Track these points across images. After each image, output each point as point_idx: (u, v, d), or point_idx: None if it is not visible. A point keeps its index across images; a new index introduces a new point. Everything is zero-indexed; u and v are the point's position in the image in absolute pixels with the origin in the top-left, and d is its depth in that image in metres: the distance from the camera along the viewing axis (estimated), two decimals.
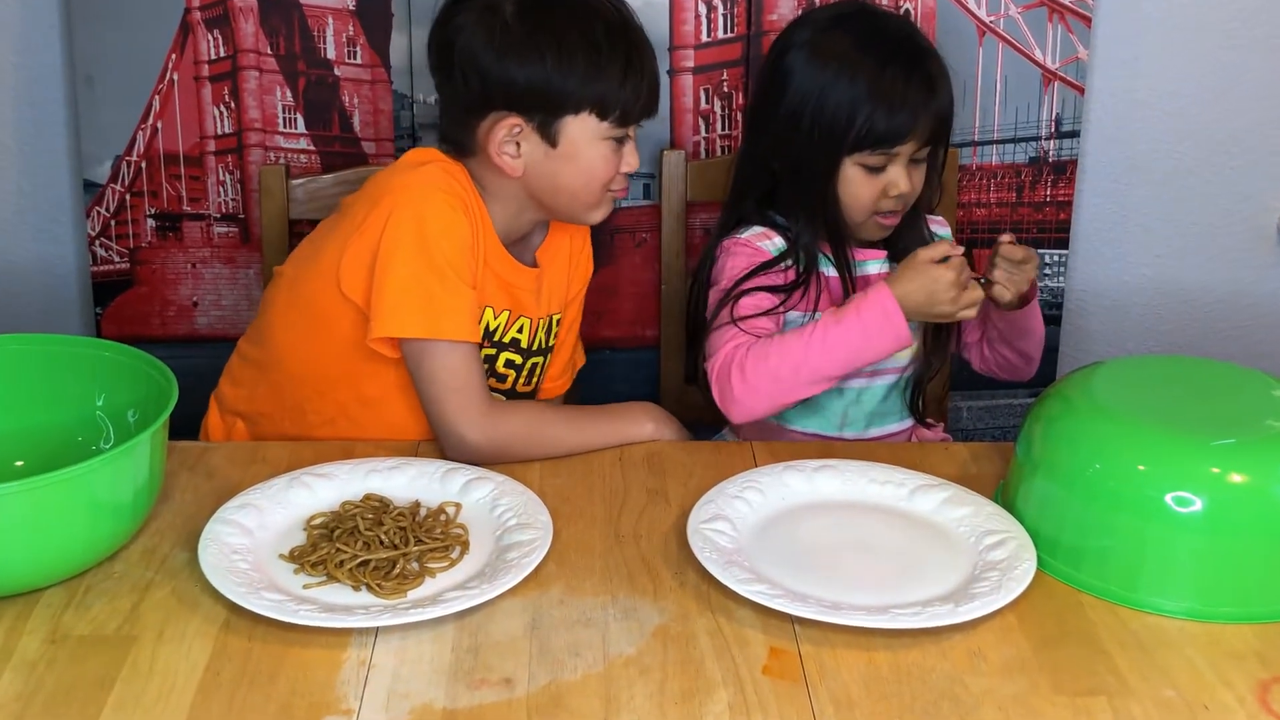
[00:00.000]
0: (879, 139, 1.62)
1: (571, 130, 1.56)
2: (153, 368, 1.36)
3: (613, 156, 1.58)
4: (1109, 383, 1.39)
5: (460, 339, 1.53)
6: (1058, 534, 1.33)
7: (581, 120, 1.56)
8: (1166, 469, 1.27)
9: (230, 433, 1.71)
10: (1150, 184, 2.18)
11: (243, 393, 1.71)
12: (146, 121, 2.04)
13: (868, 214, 1.68)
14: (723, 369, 1.61)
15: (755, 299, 1.67)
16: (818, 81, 1.63)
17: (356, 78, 2.04)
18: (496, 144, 1.56)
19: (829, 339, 1.58)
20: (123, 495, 1.26)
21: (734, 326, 1.64)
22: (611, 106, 1.56)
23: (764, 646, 1.20)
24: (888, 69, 1.61)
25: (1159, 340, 2.26)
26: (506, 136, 1.56)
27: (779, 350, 1.59)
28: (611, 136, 1.57)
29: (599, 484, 1.48)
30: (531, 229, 1.69)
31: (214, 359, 1.79)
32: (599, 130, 1.56)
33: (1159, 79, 2.13)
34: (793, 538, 1.37)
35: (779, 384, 1.59)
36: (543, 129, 1.56)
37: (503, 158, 1.57)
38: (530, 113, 1.55)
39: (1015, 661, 1.19)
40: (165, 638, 1.20)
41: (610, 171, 1.59)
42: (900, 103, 1.61)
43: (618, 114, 1.56)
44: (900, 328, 1.58)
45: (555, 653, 1.19)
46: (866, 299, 1.59)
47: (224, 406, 1.73)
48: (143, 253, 2.10)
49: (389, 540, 1.32)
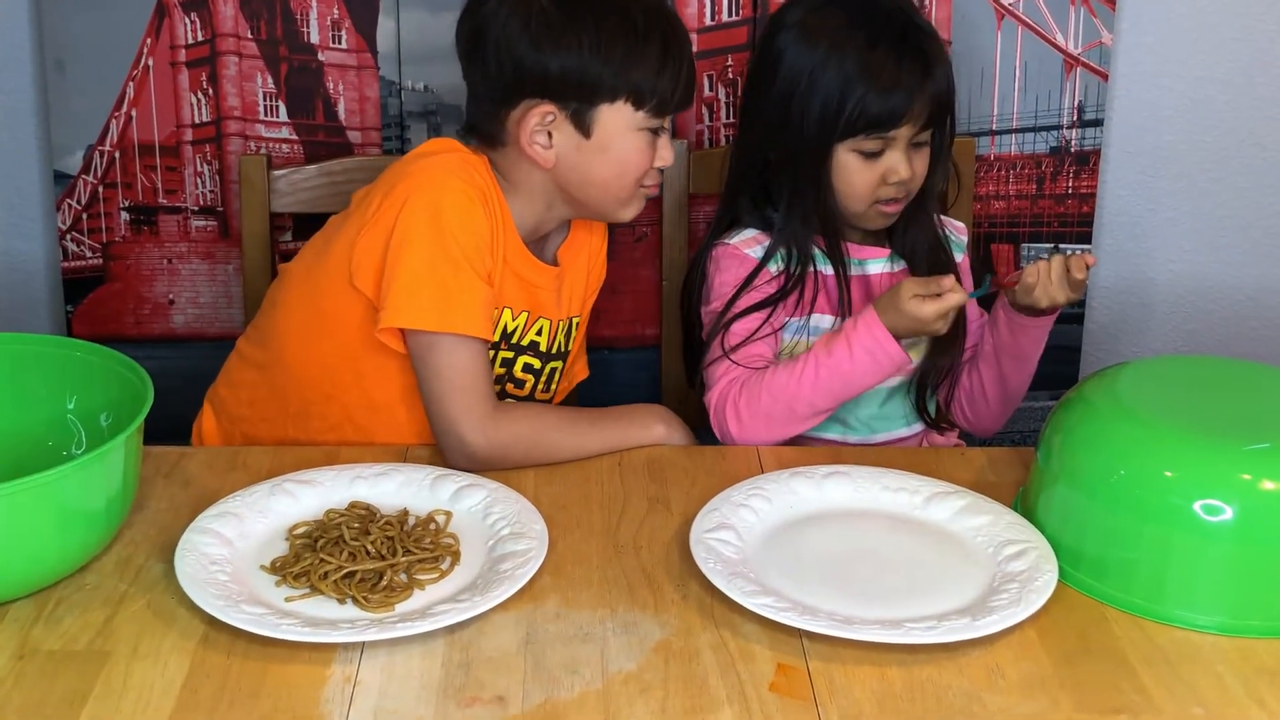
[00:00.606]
0: (872, 122, 1.62)
1: (606, 120, 1.57)
2: (127, 369, 1.36)
3: (647, 149, 1.60)
4: (1134, 384, 1.40)
5: (471, 334, 1.53)
6: (1080, 544, 1.33)
7: (617, 109, 1.57)
8: (1195, 475, 1.27)
9: (228, 438, 1.72)
10: (1177, 175, 2.19)
11: (242, 395, 1.71)
12: (120, 109, 2.04)
13: (867, 203, 1.68)
14: (718, 409, 1.64)
15: (746, 323, 1.68)
16: (808, 63, 1.63)
17: (342, 63, 2.05)
18: (528, 133, 1.57)
19: (820, 373, 1.60)
20: (95, 503, 1.26)
21: (726, 360, 1.66)
22: (648, 95, 1.57)
23: (771, 662, 1.20)
24: (878, 47, 1.62)
25: (1186, 340, 2.26)
26: (539, 125, 1.57)
27: (769, 388, 1.62)
28: (646, 127, 1.59)
29: (597, 491, 1.49)
30: (555, 226, 1.69)
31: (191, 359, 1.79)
32: (634, 120, 1.58)
33: (1187, 64, 2.13)
34: (801, 548, 1.37)
35: (773, 422, 1.62)
36: (577, 118, 1.57)
37: (534, 148, 1.58)
38: (564, 101, 1.56)
39: (1035, 678, 1.19)
40: (140, 653, 1.20)
41: (644, 165, 1.60)
42: (893, 83, 1.62)
43: (654, 103, 1.58)
44: (895, 354, 1.60)
45: (551, 669, 1.19)
46: (855, 329, 1.61)
47: (220, 410, 1.73)
48: (116, 247, 2.10)
49: (376, 551, 1.32)
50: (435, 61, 2.04)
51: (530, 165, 1.60)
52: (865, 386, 1.63)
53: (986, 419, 1.78)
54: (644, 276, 2.12)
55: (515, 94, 1.57)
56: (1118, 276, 2.23)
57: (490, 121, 1.61)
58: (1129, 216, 2.20)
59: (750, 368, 1.65)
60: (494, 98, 1.59)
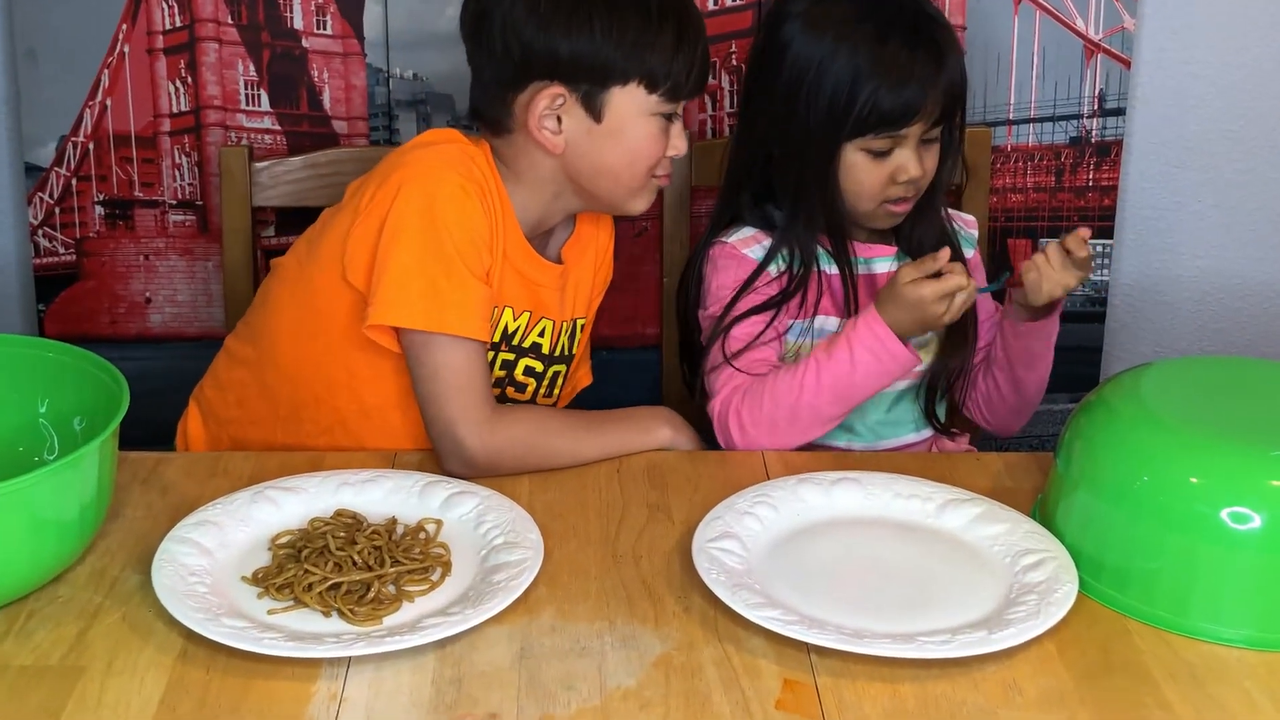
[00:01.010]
0: (884, 119, 1.62)
1: (618, 103, 1.57)
2: (101, 370, 1.36)
3: (660, 136, 1.60)
4: (1158, 386, 1.40)
5: (466, 335, 1.53)
6: (1102, 554, 1.33)
7: (629, 92, 1.57)
8: (1222, 482, 1.27)
9: (215, 442, 1.72)
10: (1204, 167, 2.18)
11: (230, 396, 1.71)
12: (94, 99, 2.04)
13: (876, 203, 1.68)
14: (720, 418, 1.64)
15: (747, 326, 1.68)
16: (815, 55, 1.63)
17: (327, 50, 2.05)
18: (536, 118, 1.57)
19: (822, 378, 1.60)
20: (68, 511, 1.26)
21: (729, 366, 1.66)
22: (662, 79, 1.57)
23: (777, 678, 1.20)
24: (890, 40, 1.61)
25: (1213, 339, 2.26)
26: (548, 109, 1.57)
27: (772, 395, 1.61)
28: (659, 113, 1.59)
29: (594, 498, 1.48)
30: (560, 220, 1.69)
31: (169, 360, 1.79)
32: (647, 105, 1.58)
33: (1214, 50, 2.13)
34: (809, 558, 1.37)
35: (777, 431, 1.61)
36: (587, 101, 1.57)
37: (543, 133, 1.58)
38: (575, 83, 1.56)
39: (1054, 694, 1.19)
40: (115, 669, 1.20)
41: (656, 153, 1.61)
42: (906, 77, 1.61)
43: (668, 87, 1.58)
44: (899, 353, 1.59)
45: (546, 685, 1.19)
46: (856, 329, 1.60)
47: (208, 411, 1.73)
48: (90, 243, 2.10)
49: (362, 561, 1.32)
50: (425, 48, 2.04)
51: (538, 153, 1.60)
52: (872, 389, 1.62)
53: (1007, 418, 1.79)
54: (644, 273, 2.12)
55: (523, 77, 1.57)
56: (1141, 273, 2.23)
57: (496, 106, 1.61)
58: (1153, 210, 2.20)
59: (753, 374, 1.65)
60: (500, 81, 1.59)
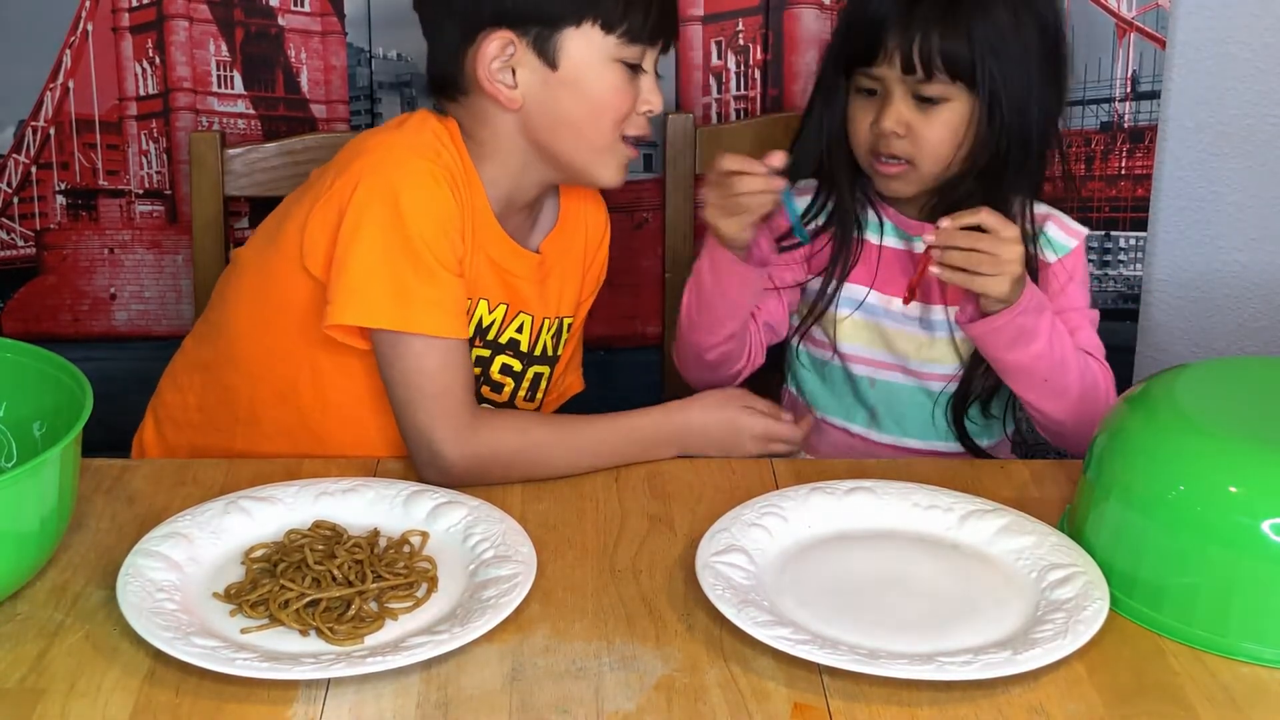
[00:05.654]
0: (854, 53, 1.67)
1: (572, 47, 1.57)
2: (63, 372, 1.36)
3: (625, 87, 1.60)
4: (1194, 390, 1.40)
5: (439, 334, 1.53)
6: (1135, 568, 1.33)
7: (584, 34, 1.57)
8: (1263, 492, 1.27)
9: (172, 451, 1.71)
10: (1243, 154, 2.19)
11: (189, 400, 1.70)
12: (56, 81, 2.04)
13: (867, 153, 1.69)
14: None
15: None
16: None
17: (304, 29, 2.05)
18: (487, 68, 1.57)
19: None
20: (28, 523, 1.26)
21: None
22: (616, 17, 1.57)
23: (787, 702, 1.20)
24: None
25: (1253, 339, 2.26)
26: (499, 59, 1.57)
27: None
28: (622, 59, 1.59)
29: (591, 509, 1.49)
30: (536, 199, 1.69)
31: (135, 361, 1.79)
32: (605, 47, 1.58)
33: (1253, 29, 2.13)
34: (821, 573, 1.37)
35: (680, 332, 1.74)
36: (539, 45, 1.57)
37: (496, 86, 1.58)
38: (524, 26, 1.56)
39: (1084, 719, 1.19)
40: (78, 691, 1.20)
41: (622, 106, 1.60)
42: (877, 10, 1.64)
43: (625, 27, 1.57)
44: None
45: (539, 709, 1.19)
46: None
47: (165, 418, 1.73)
48: (51, 235, 2.10)
49: (342, 576, 1.32)
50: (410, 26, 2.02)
51: (498, 115, 1.60)
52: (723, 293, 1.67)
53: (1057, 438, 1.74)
54: (645, 268, 2.12)
55: (472, 27, 1.57)
56: (1176, 268, 2.23)
57: (450, 66, 1.61)
58: (1189, 200, 2.21)
59: None
60: (451, 36, 1.60)
